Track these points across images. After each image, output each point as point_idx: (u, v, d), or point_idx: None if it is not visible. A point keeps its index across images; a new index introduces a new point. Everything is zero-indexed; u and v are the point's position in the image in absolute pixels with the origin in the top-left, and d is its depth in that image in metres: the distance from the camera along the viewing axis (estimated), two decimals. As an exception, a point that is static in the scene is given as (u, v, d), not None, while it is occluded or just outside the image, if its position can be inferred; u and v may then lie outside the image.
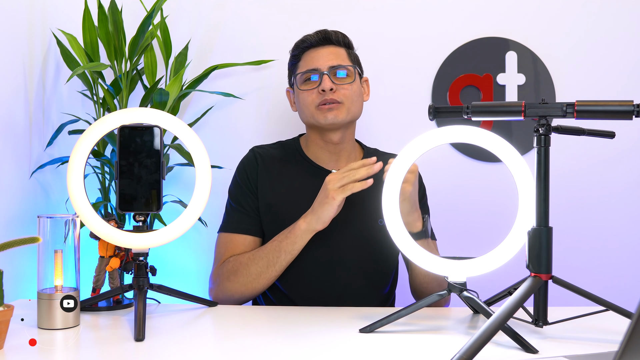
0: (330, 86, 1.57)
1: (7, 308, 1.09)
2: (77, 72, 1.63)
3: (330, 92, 1.57)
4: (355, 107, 1.62)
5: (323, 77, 1.58)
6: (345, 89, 1.59)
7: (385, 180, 1.27)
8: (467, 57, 2.10)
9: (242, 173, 1.66)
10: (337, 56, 1.62)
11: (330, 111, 1.58)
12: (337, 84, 1.59)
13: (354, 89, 1.61)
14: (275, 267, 1.51)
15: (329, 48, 1.63)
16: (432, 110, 1.27)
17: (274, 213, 1.60)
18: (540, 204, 1.16)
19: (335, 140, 1.62)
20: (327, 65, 1.60)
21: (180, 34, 2.02)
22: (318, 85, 1.59)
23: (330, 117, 1.58)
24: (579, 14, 2.11)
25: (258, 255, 1.53)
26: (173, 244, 1.33)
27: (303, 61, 1.64)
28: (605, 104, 1.15)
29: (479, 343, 1.03)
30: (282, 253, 1.50)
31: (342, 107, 1.59)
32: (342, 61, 1.62)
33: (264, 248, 1.53)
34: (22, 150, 1.73)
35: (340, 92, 1.59)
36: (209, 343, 1.18)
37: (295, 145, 1.70)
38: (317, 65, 1.61)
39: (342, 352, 1.12)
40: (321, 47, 1.63)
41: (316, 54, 1.62)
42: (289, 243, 1.49)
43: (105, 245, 1.44)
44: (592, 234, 2.13)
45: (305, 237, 1.49)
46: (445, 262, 1.24)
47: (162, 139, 1.25)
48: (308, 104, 1.60)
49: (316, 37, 1.64)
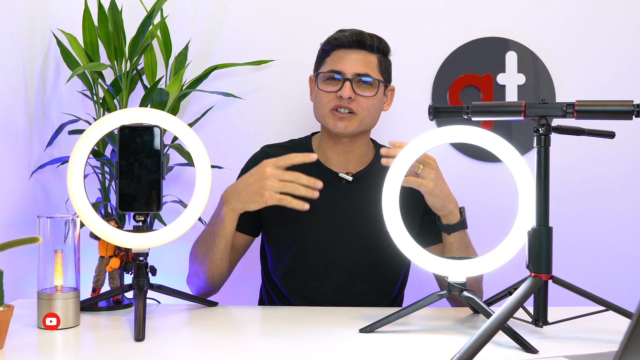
0: (349, 95, 1.53)
1: (7, 308, 1.09)
2: (77, 72, 1.63)
3: (348, 100, 1.53)
4: (370, 118, 1.58)
5: (345, 83, 1.53)
6: (364, 100, 1.55)
7: (385, 182, 1.26)
8: (467, 57, 2.10)
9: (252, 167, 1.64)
10: (367, 64, 1.56)
11: (341, 120, 1.54)
12: (357, 93, 1.54)
13: (373, 102, 1.56)
14: (216, 250, 1.48)
15: (360, 53, 1.56)
16: (432, 110, 1.27)
17: (277, 214, 1.59)
18: (540, 204, 1.16)
19: (346, 143, 1.60)
20: (353, 71, 1.54)
21: (180, 34, 2.02)
22: (339, 89, 1.54)
23: (340, 126, 1.55)
24: (579, 14, 2.11)
25: (200, 240, 1.53)
26: (173, 244, 1.33)
27: (331, 59, 1.58)
28: (605, 104, 1.15)
29: (479, 343, 1.03)
30: (216, 237, 1.48)
31: (355, 119, 1.55)
32: (370, 70, 1.55)
33: (204, 232, 1.53)
34: (22, 150, 1.73)
35: (358, 103, 1.54)
36: (209, 343, 1.18)
37: (306, 144, 1.67)
38: (342, 68, 1.55)
39: (342, 352, 1.12)
40: (352, 50, 1.56)
41: (345, 56, 1.56)
42: (220, 227, 1.47)
43: (105, 245, 1.44)
44: (592, 234, 2.13)
45: (232, 219, 1.45)
46: (445, 262, 1.24)
47: (162, 139, 1.25)
48: (324, 104, 1.57)
49: (349, 38, 1.56)
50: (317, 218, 1.56)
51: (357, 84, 1.55)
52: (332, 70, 1.56)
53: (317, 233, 1.57)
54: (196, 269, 1.54)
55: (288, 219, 1.56)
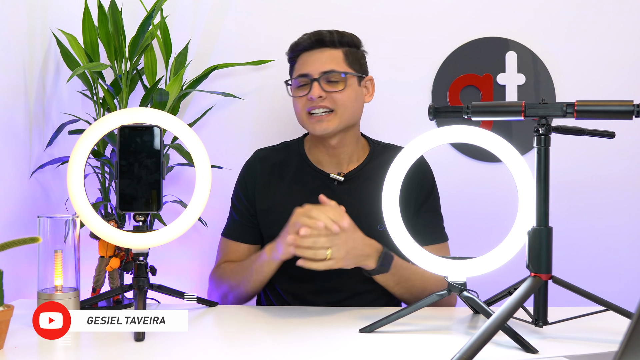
0: (319, 94, 1.52)
1: (7, 308, 1.10)
2: (77, 72, 1.63)
3: (319, 99, 1.53)
4: (350, 112, 1.56)
5: (313, 84, 1.53)
6: (337, 95, 1.54)
7: (385, 182, 1.26)
8: (467, 57, 2.10)
9: (241, 184, 1.66)
10: (331, 60, 1.55)
11: (320, 122, 1.54)
12: (327, 91, 1.53)
13: (347, 95, 1.54)
14: (252, 283, 1.51)
15: (323, 51, 1.56)
16: (432, 110, 1.27)
17: (271, 218, 1.59)
18: (540, 204, 1.16)
19: (333, 145, 1.59)
20: (318, 70, 1.53)
21: (180, 34, 2.02)
22: (308, 92, 1.54)
23: (319, 129, 1.54)
24: (579, 14, 2.11)
25: (237, 270, 1.55)
26: (173, 244, 1.33)
27: (298, 64, 1.59)
28: (605, 104, 1.15)
29: (479, 343, 1.03)
30: (254, 273, 1.50)
31: (333, 117, 1.54)
32: (336, 65, 1.54)
33: (242, 264, 1.55)
34: (22, 150, 1.73)
35: (331, 100, 1.53)
36: (209, 343, 1.18)
37: (298, 146, 1.68)
38: (308, 70, 1.55)
39: (342, 352, 1.12)
40: (315, 51, 1.56)
41: (309, 58, 1.56)
42: (258, 266, 1.49)
43: (105, 245, 1.44)
44: (592, 233, 2.12)
45: (271, 266, 1.47)
46: (445, 262, 1.24)
47: (162, 139, 1.25)
48: (299, 110, 1.57)
49: (309, 40, 1.56)
50: None
51: (325, 82, 1.53)
52: (299, 75, 1.56)
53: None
54: (230, 290, 1.56)
55: (282, 221, 1.57)
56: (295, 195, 1.59)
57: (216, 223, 2.01)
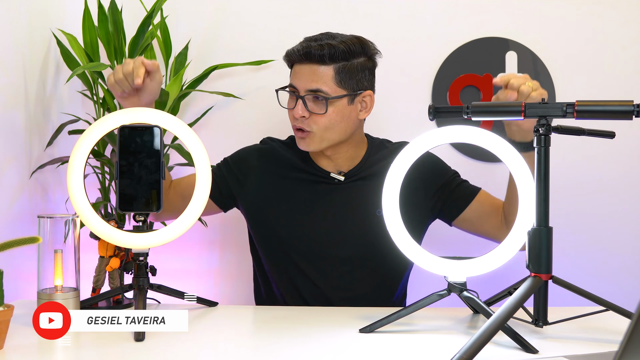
0: (301, 114, 1.48)
1: (7, 308, 1.09)
2: (77, 72, 1.64)
3: (302, 119, 1.49)
4: (333, 133, 1.51)
5: (297, 102, 1.49)
6: (318, 118, 1.48)
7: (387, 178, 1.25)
8: (467, 57, 2.10)
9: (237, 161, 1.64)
10: (318, 78, 1.47)
11: (302, 140, 1.53)
12: (311, 111, 1.48)
13: (330, 118, 1.48)
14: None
15: (311, 67, 1.48)
16: (432, 110, 1.27)
17: (268, 213, 1.59)
18: (540, 204, 1.16)
19: (328, 153, 1.58)
20: (304, 87, 1.48)
21: (180, 34, 2.02)
22: (293, 107, 1.51)
23: (302, 146, 1.53)
24: (579, 14, 2.11)
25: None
26: (173, 244, 1.33)
27: (292, 72, 1.54)
28: (605, 104, 1.15)
29: (479, 343, 1.03)
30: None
31: (313, 137, 1.50)
32: (322, 84, 1.47)
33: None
34: (22, 150, 1.73)
35: (312, 121, 1.49)
36: (209, 343, 1.18)
37: None
38: (296, 84, 1.50)
39: (342, 352, 1.12)
40: (303, 65, 1.49)
41: (299, 71, 1.50)
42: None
43: (105, 245, 1.44)
44: (592, 233, 2.12)
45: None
46: (445, 262, 1.24)
47: (162, 139, 1.25)
48: (290, 121, 1.55)
49: (298, 53, 1.49)
50: (310, 218, 1.56)
51: (310, 100, 1.48)
52: (290, 84, 1.53)
53: (310, 233, 1.56)
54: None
55: (280, 220, 1.56)
56: (295, 192, 1.59)
57: (216, 223, 2.02)
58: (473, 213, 1.57)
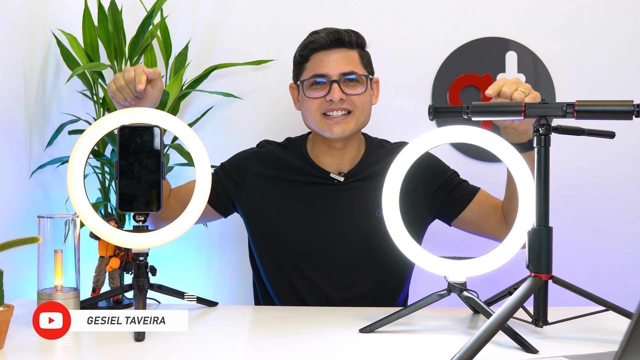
0: (340, 97, 1.50)
1: (7, 308, 1.10)
2: (77, 72, 1.64)
3: (340, 101, 1.52)
4: (365, 115, 1.56)
5: (332, 85, 1.50)
6: (357, 98, 1.53)
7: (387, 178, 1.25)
8: (467, 57, 2.10)
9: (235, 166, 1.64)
10: (349, 61, 1.53)
11: (337, 125, 1.53)
12: (347, 93, 1.52)
13: (365, 97, 1.54)
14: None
15: (341, 51, 1.53)
16: (432, 110, 1.27)
17: (268, 215, 1.59)
18: (540, 204, 1.15)
19: (339, 147, 1.59)
20: (337, 72, 1.51)
21: (180, 34, 2.02)
22: (327, 93, 1.52)
23: (337, 131, 1.53)
24: (579, 14, 2.11)
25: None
26: (173, 244, 1.33)
27: (311, 63, 1.55)
28: (605, 104, 1.15)
29: (479, 343, 1.03)
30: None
31: (351, 118, 1.53)
32: (355, 67, 1.53)
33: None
34: (22, 150, 1.74)
35: (351, 102, 1.53)
36: (209, 343, 1.18)
37: (301, 144, 1.66)
38: (326, 71, 1.52)
39: (342, 352, 1.12)
40: (332, 50, 1.52)
41: (326, 58, 1.52)
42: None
43: (105, 245, 1.44)
44: (592, 233, 2.13)
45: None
46: (445, 262, 1.24)
47: (162, 139, 1.25)
48: (313, 111, 1.54)
49: (327, 39, 1.52)
50: (311, 219, 1.56)
51: (344, 83, 1.52)
52: (316, 74, 1.53)
53: (311, 234, 1.56)
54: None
55: (280, 222, 1.56)
56: (294, 194, 1.59)
57: (216, 223, 2.02)
58: (472, 213, 1.57)
